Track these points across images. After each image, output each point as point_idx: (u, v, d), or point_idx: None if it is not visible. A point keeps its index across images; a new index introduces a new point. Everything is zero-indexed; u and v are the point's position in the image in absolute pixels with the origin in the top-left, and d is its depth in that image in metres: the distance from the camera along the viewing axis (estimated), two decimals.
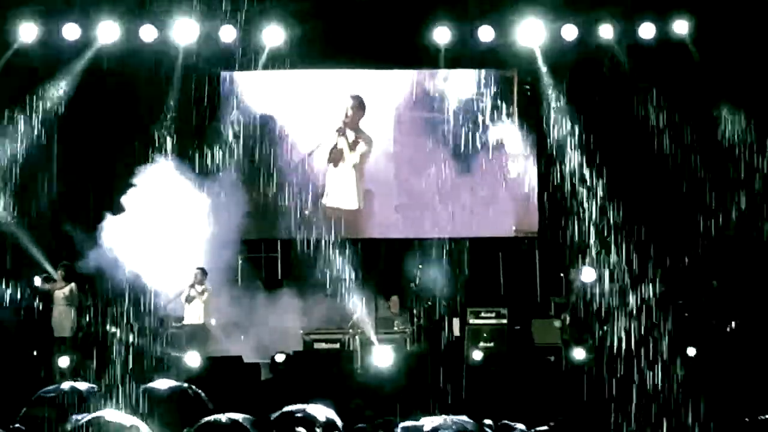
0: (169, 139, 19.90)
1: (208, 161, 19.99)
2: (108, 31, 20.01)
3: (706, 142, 20.16)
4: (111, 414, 4.86)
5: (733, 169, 19.88)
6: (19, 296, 18.56)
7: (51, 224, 20.17)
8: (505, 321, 19.37)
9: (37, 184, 20.23)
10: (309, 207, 20.80)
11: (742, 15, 19.75)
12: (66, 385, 5.83)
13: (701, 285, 19.05)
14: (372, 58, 20.99)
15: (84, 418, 4.92)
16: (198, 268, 18.72)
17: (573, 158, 20.38)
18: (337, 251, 20.09)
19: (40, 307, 18.49)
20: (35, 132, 19.78)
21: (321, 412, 4.57)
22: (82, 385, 5.81)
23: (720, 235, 19.50)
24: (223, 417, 4.84)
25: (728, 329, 18.19)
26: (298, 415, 4.48)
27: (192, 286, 18.58)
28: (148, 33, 20.16)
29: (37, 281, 18.87)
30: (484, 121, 21.35)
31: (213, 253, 19.39)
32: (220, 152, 20.23)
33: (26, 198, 19.94)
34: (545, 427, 7.18)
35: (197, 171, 19.86)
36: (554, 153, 20.61)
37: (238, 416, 4.88)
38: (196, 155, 19.93)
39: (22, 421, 5.63)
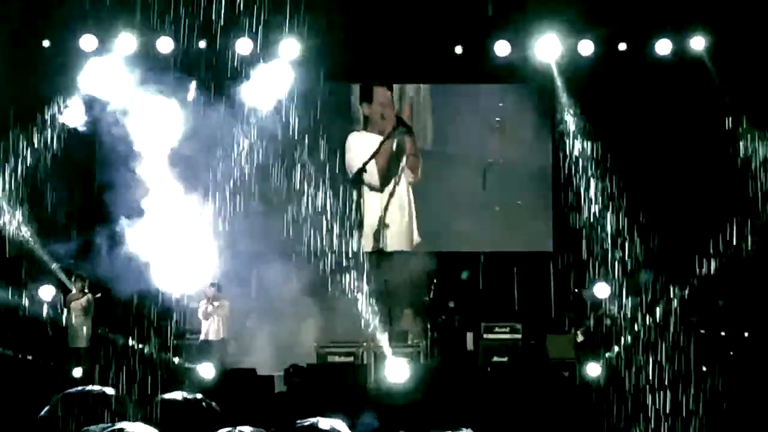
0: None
1: (221, 170, 19.98)
2: (125, 43, 20.10)
3: (723, 159, 20.12)
4: (131, 426, 4.88)
5: (750, 186, 19.83)
6: (34, 307, 18.59)
7: (67, 235, 20.16)
8: (519, 336, 19.36)
9: (52, 195, 20.22)
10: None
11: (761, 32, 19.73)
12: (92, 387, 5.83)
13: (713, 303, 19.00)
14: (387, 73, 21.04)
15: (105, 429, 4.91)
16: (211, 284, 18.76)
17: (588, 173, 20.38)
18: (351, 264, 20.09)
19: (56, 317, 18.55)
20: (51, 141, 19.82)
21: (331, 425, 4.58)
22: (109, 390, 5.82)
23: (736, 253, 19.44)
24: (235, 430, 4.87)
25: (738, 347, 18.13)
26: (306, 425, 4.50)
27: (208, 301, 18.64)
28: (164, 45, 20.24)
29: (53, 291, 18.91)
30: (499, 136, 21.36)
31: (227, 265, 19.39)
32: (236, 161, 20.23)
33: (41, 209, 19.95)
34: None
35: (212, 178, 19.87)
36: (569, 168, 20.60)
37: (248, 429, 4.90)
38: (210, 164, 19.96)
39: (42, 419, 5.65)
